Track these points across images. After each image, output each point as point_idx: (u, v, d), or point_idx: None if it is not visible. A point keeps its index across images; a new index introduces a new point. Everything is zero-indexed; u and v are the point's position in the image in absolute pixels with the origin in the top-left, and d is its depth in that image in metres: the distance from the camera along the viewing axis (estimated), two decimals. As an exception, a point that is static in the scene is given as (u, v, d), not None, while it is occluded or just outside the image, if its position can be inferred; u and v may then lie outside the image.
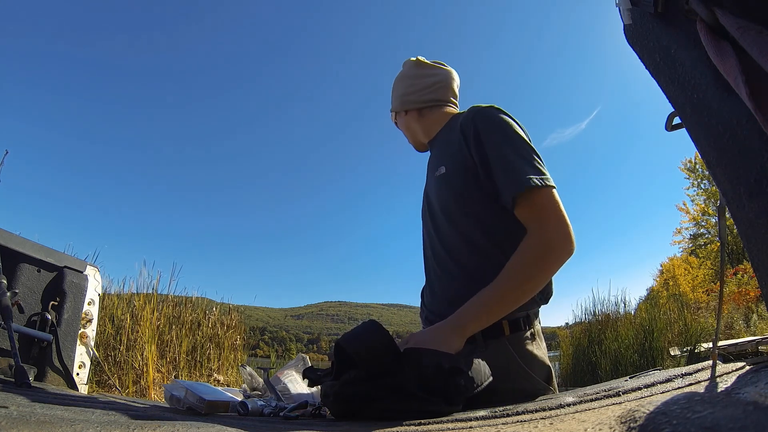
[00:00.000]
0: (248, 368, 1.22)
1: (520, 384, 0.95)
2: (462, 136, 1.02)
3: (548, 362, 1.01)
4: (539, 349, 1.01)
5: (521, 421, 0.52)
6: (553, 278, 1.00)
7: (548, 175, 0.93)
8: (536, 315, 1.04)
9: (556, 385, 1.02)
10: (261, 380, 1.16)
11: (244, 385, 1.19)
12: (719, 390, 0.52)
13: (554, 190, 0.92)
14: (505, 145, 0.95)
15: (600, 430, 0.39)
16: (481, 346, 0.97)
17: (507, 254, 0.93)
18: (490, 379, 0.80)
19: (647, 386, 0.62)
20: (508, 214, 0.97)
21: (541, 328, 1.05)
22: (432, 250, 1.14)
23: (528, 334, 1.00)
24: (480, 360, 0.81)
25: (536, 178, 0.90)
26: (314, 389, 1.05)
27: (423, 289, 1.25)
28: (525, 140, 0.98)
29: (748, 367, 0.60)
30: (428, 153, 1.29)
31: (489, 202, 1.00)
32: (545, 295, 1.03)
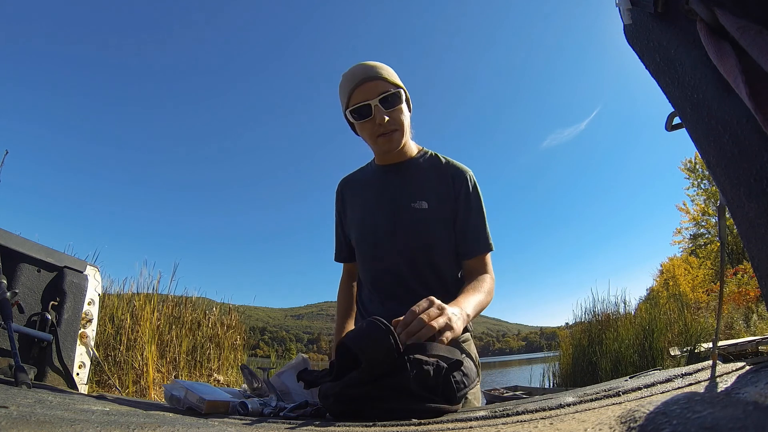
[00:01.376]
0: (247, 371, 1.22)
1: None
2: (453, 188, 1.22)
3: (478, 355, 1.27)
4: (473, 347, 1.23)
5: (521, 421, 0.52)
6: None
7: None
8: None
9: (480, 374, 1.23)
10: (261, 380, 1.16)
11: (244, 385, 1.19)
12: (719, 390, 0.52)
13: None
14: (483, 213, 1.24)
15: (600, 430, 0.39)
16: None
17: (456, 288, 1.18)
18: (479, 378, 0.81)
19: (647, 386, 0.63)
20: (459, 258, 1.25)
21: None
22: (398, 268, 1.22)
23: (470, 334, 1.23)
24: (470, 360, 0.82)
25: (490, 245, 1.22)
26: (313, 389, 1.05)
27: (363, 296, 1.33)
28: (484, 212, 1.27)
29: (748, 367, 0.60)
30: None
31: (454, 246, 1.23)
32: None
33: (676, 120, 0.57)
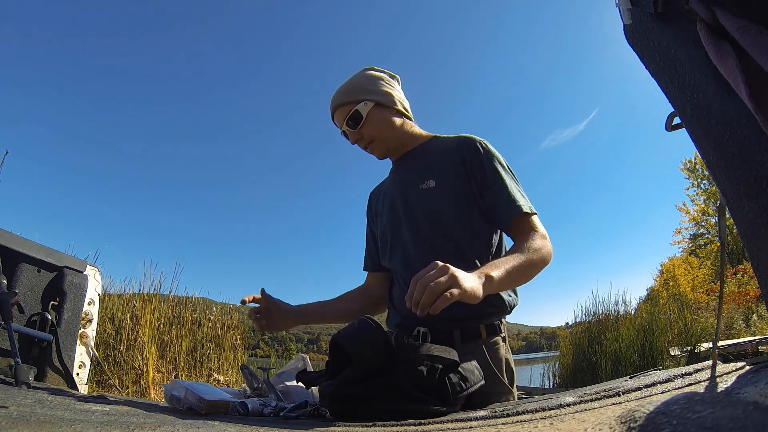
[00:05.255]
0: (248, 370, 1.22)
1: (487, 386, 0.96)
2: (462, 160, 1.14)
3: (513, 365, 1.11)
4: (508, 352, 1.11)
5: (521, 421, 0.52)
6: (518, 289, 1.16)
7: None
8: (505, 321, 1.13)
9: (516, 389, 1.10)
10: (261, 380, 1.16)
11: (244, 385, 1.19)
12: (719, 390, 0.52)
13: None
14: (506, 176, 1.12)
15: (600, 430, 0.39)
16: (459, 349, 0.97)
17: (482, 263, 1.03)
18: (483, 381, 0.81)
19: (647, 386, 0.63)
20: (489, 230, 1.14)
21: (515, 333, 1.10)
22: (417, 258, 1.14)
23: (501, 337, 1.10)
24: (473, 361, 0.82)
25: (530, 206, 1.08)
26: (313, 389, 1.05)
27: (392, 292, 1.24)
28: (514, 174, 1.15)
29: (748, 367, 0.60)
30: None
31: (476, 218, 1.12)
32: (512, 303, 1.12)
33: (676, 120, 0.57)
